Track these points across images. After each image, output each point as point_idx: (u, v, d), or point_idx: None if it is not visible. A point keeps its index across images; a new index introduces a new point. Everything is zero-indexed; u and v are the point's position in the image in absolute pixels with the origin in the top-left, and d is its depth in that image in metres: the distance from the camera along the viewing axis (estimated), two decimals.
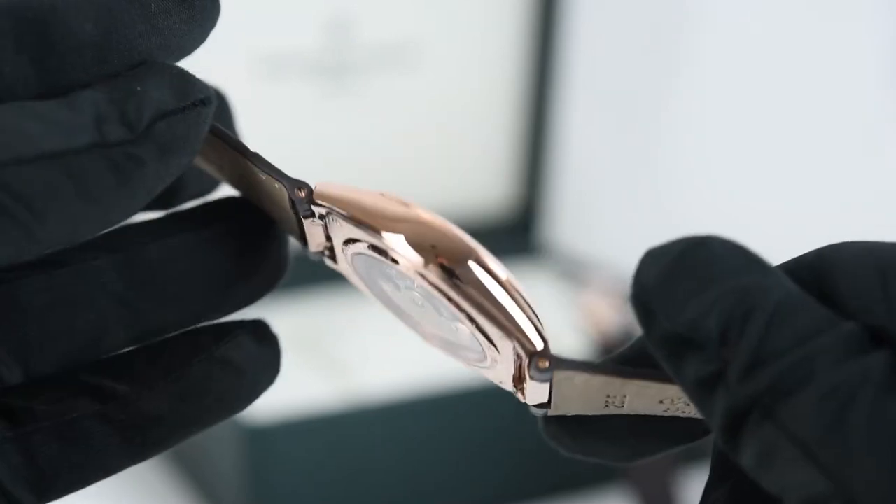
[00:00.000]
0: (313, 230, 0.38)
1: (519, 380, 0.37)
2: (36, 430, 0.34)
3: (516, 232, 1.22)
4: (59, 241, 0.31)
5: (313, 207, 0.37)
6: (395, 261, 0.36)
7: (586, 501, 1.03)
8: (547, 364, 0.35)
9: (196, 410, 0.36)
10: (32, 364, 0.35)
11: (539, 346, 0.35)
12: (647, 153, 1.19)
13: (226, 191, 0.39)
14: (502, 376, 0.37)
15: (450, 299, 0.36)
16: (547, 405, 0.37)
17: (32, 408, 0.35)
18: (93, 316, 0.36)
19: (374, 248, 0.36)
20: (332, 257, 0.39)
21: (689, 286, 0.31)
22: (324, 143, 1.13)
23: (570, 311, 1.09)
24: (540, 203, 1.24)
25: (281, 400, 0.94)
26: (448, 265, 0.35)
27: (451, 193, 1.20)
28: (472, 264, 0.35)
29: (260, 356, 0.37)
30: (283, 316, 1.06)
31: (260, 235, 0.39)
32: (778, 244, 0.43)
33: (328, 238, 0.38)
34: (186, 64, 0.37)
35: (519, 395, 0.37)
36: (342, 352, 1.04)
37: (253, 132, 0.42)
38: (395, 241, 0.35)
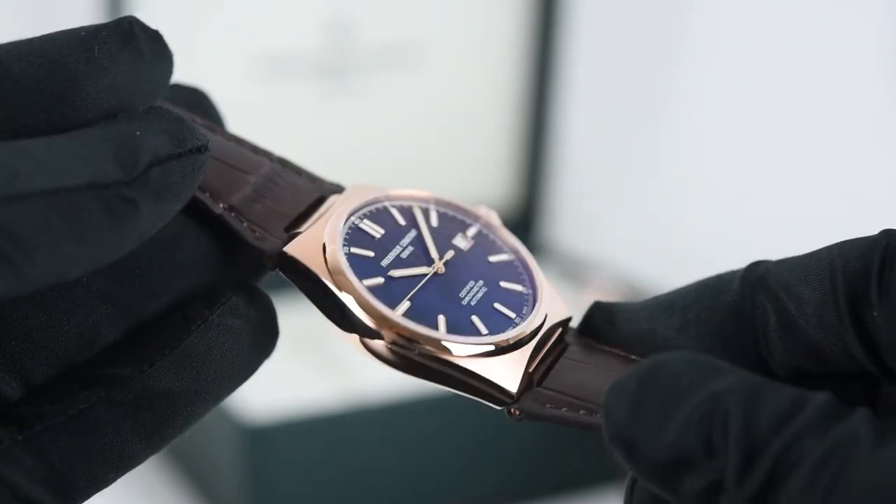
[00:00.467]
0: None
1: None
2: (44, 430, 0.34)
3: (516, 232, 1.20)
4: (49, 280, 0.31)
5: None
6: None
7: (586, 501, 1.03)
8: (519, 414, 0.37)
9: (202, 380, 0.36)
10: (29, 375, 0.35)
11: (510, 398, 0.37)
12: (647, 153, 1.19)
13: None
14: None
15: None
16: None
17: (38, 409, 0.34)
18: (81, 319, 0.35)
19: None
20: None
21: (660, 410, 0.32)
22: (325, 144, 1.13)
23: (570, 311, 1.08)
24: (540, 203, 1.24)
25: (281, 400, 0.94)
26: (400, 340, 0.37)
27: (452, 193, 1.19)
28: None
29: (255, 316, 0.37)
30: (284, 316, 1.06)
31: None
32: (777, 244, 0.43)
33: None
34: (189, 63, 0.38)
35: None
36: (342, 352, 1.04)
37: (254, 133, 0.42)
38: (349, 302, 0.37)
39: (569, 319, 0.40)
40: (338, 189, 0.40)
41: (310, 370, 1.02)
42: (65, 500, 0.34)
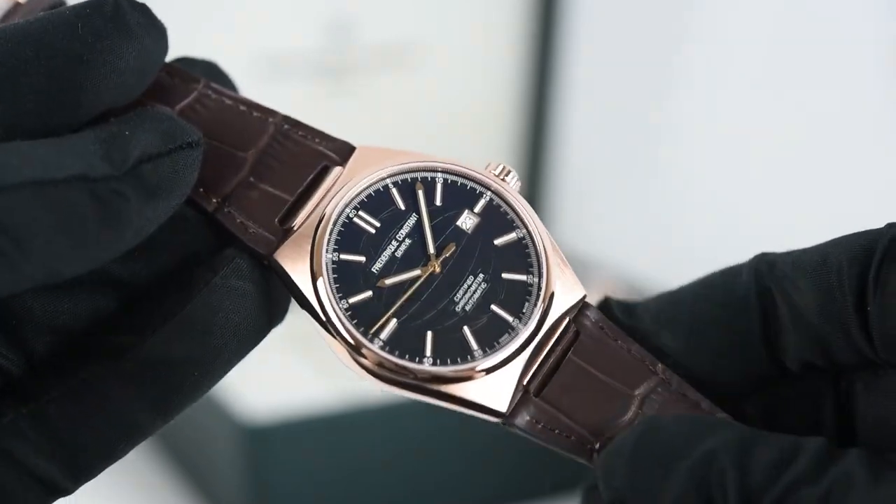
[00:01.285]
0: None
1: None
2: (49, 402, 0.34)
3: None
4: (44, 276, 0.31)
5: None
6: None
7: None
8: (513, 427, 0.38)
9: (207, 344, 0.35)
10: (31, 351, 0.35)
11: (502, 417, 0.38)
12: (647, 153, 1.19)
13: None
14: None
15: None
16: None
17: (42, 382, 0.34)
18: (81, 298, 0.35)
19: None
20: None
21: (658, 472, 0.32)
22: None
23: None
24: (540, 203, 1.24)
25: (281, 400, 0.94)
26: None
27: None
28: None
29: (262, 279, 0.37)
30: None
31: None
32: (777, 243, 0.43)
33: None
34: None
35: None
36: None
37: None
38: (331, 325, 0.37)
39: (581, 301, 0.39)
40: (344, 149, 0.39)
41: (310, 370, 1.02)
42: (73, 474, 0.34)
